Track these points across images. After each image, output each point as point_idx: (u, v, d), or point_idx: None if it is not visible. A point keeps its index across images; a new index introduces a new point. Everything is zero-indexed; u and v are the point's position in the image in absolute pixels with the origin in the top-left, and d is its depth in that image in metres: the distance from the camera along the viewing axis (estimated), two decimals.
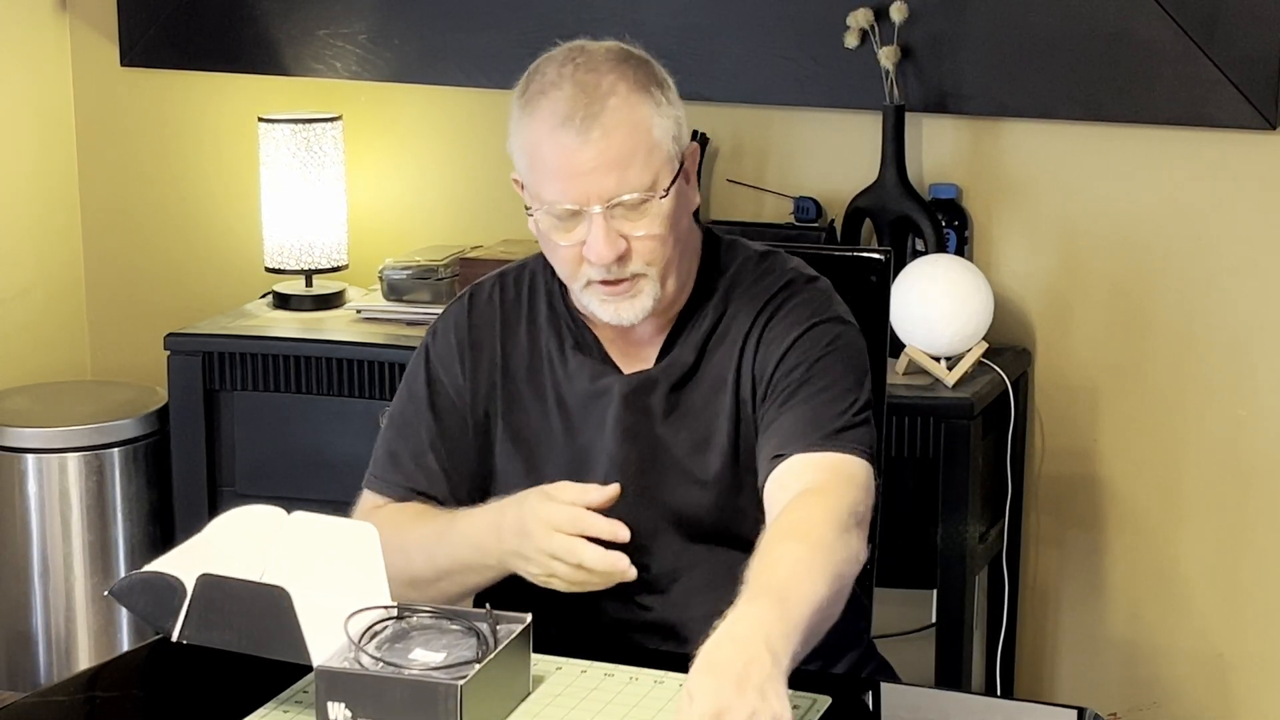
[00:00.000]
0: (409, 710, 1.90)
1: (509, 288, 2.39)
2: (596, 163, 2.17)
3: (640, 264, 2.21)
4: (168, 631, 2.05)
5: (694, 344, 2.30)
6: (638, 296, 2.23)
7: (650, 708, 2.02)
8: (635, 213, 2.19)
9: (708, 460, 2.27)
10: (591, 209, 2.18)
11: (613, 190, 2.17)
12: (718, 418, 2.28)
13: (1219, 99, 3.35)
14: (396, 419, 2.40)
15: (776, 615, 1.94)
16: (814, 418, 2.20)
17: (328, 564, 2.10)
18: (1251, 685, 3.56)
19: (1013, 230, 3.56)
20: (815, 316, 2.28)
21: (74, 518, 3.78)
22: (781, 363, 2.25)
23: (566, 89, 2.19)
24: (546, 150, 2.20)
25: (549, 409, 2.32)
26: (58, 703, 2.24)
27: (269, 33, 3.91)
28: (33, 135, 4.09)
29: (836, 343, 2.27)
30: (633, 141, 2.18)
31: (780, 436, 2.21)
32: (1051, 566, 3.64)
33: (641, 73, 2.22)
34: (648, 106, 2.20)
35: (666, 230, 2.21)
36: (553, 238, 2.23)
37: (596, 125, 2.17)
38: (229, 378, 3.60)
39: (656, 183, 2.19)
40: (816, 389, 2.23)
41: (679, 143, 2.24)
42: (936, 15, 3.47)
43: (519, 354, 2.34)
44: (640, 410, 2.28)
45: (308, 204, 3.78)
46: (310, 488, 3.58)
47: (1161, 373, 3.51)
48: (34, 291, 4.12)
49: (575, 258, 2.22)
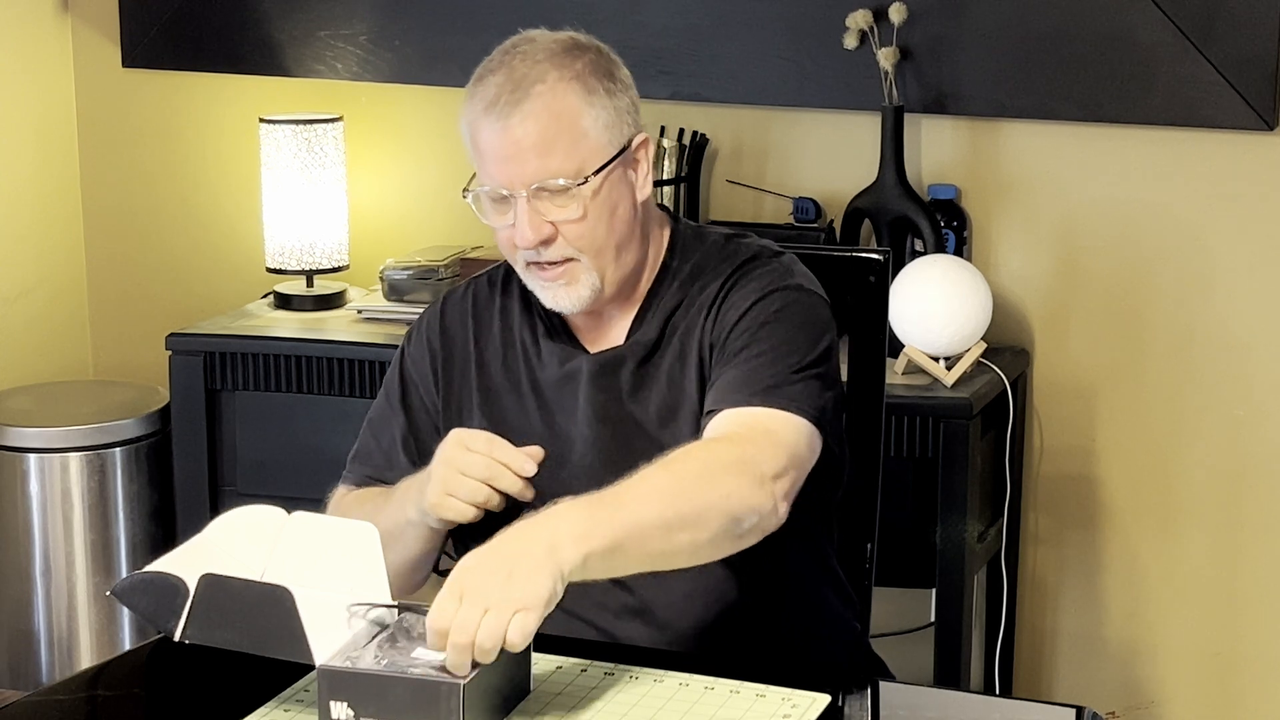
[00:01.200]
0: (411, 709, 1.90)
1: (482, 288, 2.43)
2: (518, 147, 2.23)
3: (569, 249, 2.25)
4: (169, 631, 2.05)
5: (659, 320, 2.33)
6: (573, 284, 2.27)
7: (650, 706, 2.03)
8: (560, 198, 2.24)
9: (678, 430, 2.28)
10: (517, 192, 2.23)
11: (533, 175, 2.23)
12: (686, 388, 2.30)
13: (1216, 100, 3.35)
14: (372, 418, 2.46)
15: (584, 515, 1.99)
16: (748, 377, 2.22)
17: (329, 563, 2.10)
18: (1249, 684, 3.56)
19: (1011, 231, 3.56)
20: (772, 285, 2.30)
21: (76, 517, 3.78)
22: (735, 327, 2.27)
23: (499, 76, 2.27)
24: (478, 133, 2.28)
25: (525, 398, 2.35)
26: (59, 701, 2.24)
27: (270, 34, 3.91)
28: (35, 136, 4.10)
29: (790, 308, 2.29)
30: (555, 129, 2.23)
31: (715, 394, 2.24)
32: (1050, 566, 3.64)
33: (580, 63, 2.27)
34: (575, 96, 2.24)
35: (593, 216, 2.24)
36: (489, 220, 2.29)
37: (517, 111, 2.23)
38: (230, 378, 3.60)
39: (581, 170, 2.23)
40: (759, 350, 2.25)
41: (616, 132, 2.27)
42: (935, 16, 3.47)
43: (493, 348, 2.38)
44: (608, 388, 2.31)
45: (309, 204, 3.79)
46: (311, 487, 3.54)
47: (1159, 373, 3.51)
48: (36, 292, 4.12)
49: (509, 240, 2.28)
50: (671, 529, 2.05)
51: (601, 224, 2.25)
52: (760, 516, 2.12)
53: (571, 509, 2.00)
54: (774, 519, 2.14)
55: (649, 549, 2.04)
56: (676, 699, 2.05)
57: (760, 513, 2.12)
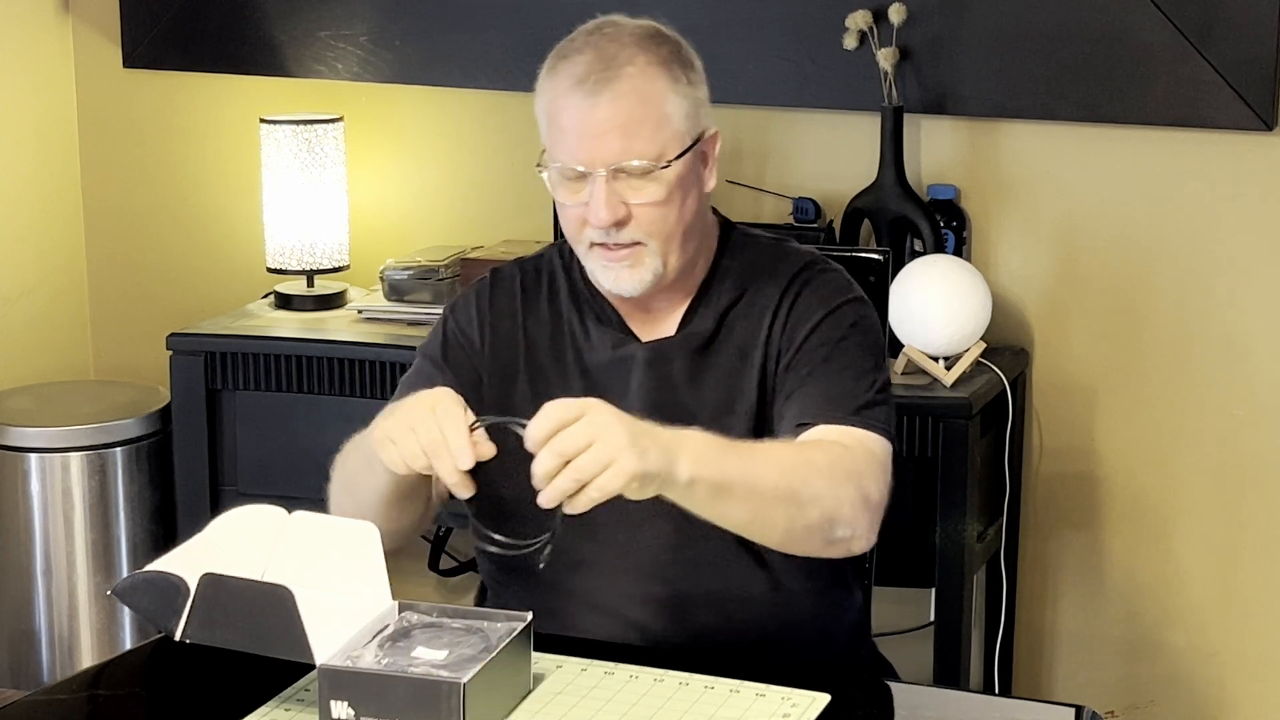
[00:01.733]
0: (412, 708, 1.91)
1: (529, 270, 2.43)
2: (604, 126, 2.23)
3: (640, 232, 2.26)
4: (170, 630, 2.05)
5: (714, 314, 2.35)
6: (637, 268, 2.28)
7: (650, 705, 2.03)
8: (638, 180, 2.24)
9: (731, 424, 2.30)
10: (596, 171, 2.23)
11: (617, 155, 2.23)
12: (743, 384, 2.33)
13: (1215, 100, 3.35)
14: (408, 378, 2.42)
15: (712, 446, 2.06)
16: (838, 393, 2.27)
17: (329, 563, 2.10)
18: (1248, 683, 3.57)
19: (1010, 231, 3.57)
20: (841, 295, 2.35)
21: (76, 517, 3.79)
22: (810, 337, 2.31)
23: (588, 54, 2.25)
24: (560, 110, 2.26)
25: (571, 379, 2.35)
26: (60, 701, 2.24)
27: (271, 34, 3.91)
28: (35, 137, 4.10)
29: (861, 322, 2.34)
30: (642, 110, 2.23)
31: (804, 407, 2.27)
32: (1049, 565, 3.64)
33: (665, 50, 2.28)
34: (663, 81, 2.25)
35: (668, 202, 2.26)
36: (560, 196, 2.28)
37: (608, 89, 2.23)
38: (231, 377, 3.61)
39: (662, 154, 2.25)
40: (840, 366, 2.29)
41: (694, 122, 2.29)
42: (935, 17, 3.48)
43: (540, 327, 2.38)
44: (662, 376, 2.33)
45: (309, 205, 3.79)
46: (312, 487, 3.55)
47: (1158, 372, 3.52)
48: (37, 292, 4.12)
49: (579, 218, 2.27)
50: (780, 499, 2.11)
51: (674, 210, 2.27)
52: (854, 535, 2.18)
53: (703, 437, 2.06)
54: (862, 543, 2.20)
55: (750, 506, 2.10)
56: (676, 698, 2.05)
57: (855, 531, 2.18)
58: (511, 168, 3.86)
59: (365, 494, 2.25)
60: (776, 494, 2.11)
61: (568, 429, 1.96)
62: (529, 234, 3.81)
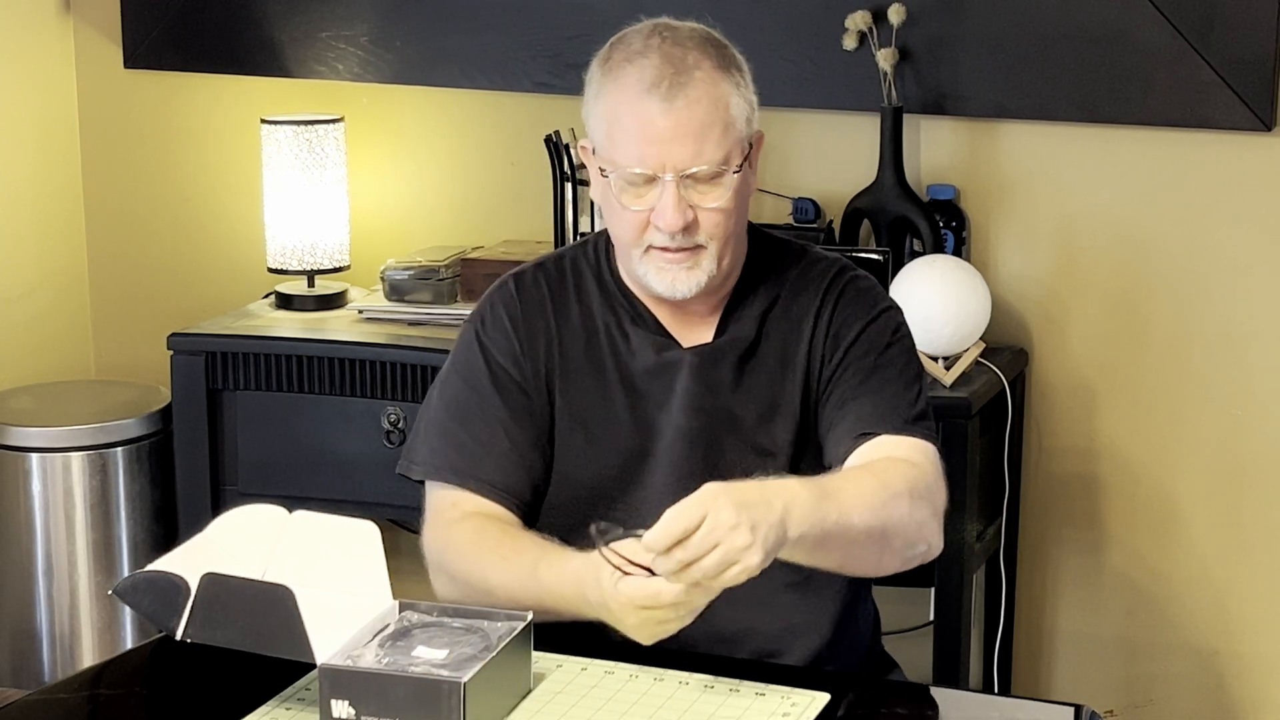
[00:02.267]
0: (412, 707, 1.91)
1: (551, 271, 2.42)
2: (676, 131, 2.22)
3: (704, 236, 2.27)
4: (171, 630, 2.06)
5: (753, 319, 2.36)
6: (695, 269, 2.29)
7: (650, 705, 2.04)
8: (706, 185, 2.25)
9: (775, 430, 2.33)
10: (665, 176, 2.23)
11: (689, 160, 2.23)
12: (786, 390, 2.35)
13: (1214, 101, 3.36)
14: (453, 408, 2.37)
15: (811, 496, 2.05)
16: (892, 403, 2.30)
17: (330, 562, 2.11)
18: (1246, 682, 3.57)
19: (1010, 231, 3.57)
20: (879, 304, 2.39)
21: (78, 516, 3.79)
22: (854, 345, 2.34)
23: (654, 58, 2.24)
24: (627, 115, 2.25)
25: (609, 383, 2.35)
26: (62, 700, 2.24)
27: (272, 35, 3.92)
28: (37, 137, 4.11)
29: (901, 329, 2.39)
30: (713, 115, 2.24)
31: (861, 416, 2.29)
32: (1048, 564, 3.65)
33: (724, 54, 2.29)
34: (729, 84, 2.27)
35: (733, 206, 2.27)
36: (623, 201, 2.27)
37: (681, 95, 2.22)
38: (232, 377, 3.61)
39: (729, 158, 2.26)
40: (889, 375, 2.33)
41: (751, 125, 2.31)
42: (934, 18, 3.48)
43: (572, 331, 2.37)
44: (710, 381, 2.33)
45: (310, 205, 3.80)
46: (312, 486, 3.59)
47: (1157, 372, 3.52)
48: (38, 292, 4.13)
49: (641, 223, 2.27)
50: (870, 539, 2.14)
51: (734, 214, 2.29)
52: (929, 549, 2.23)
53: (801, 488, 2.07)
54: (935, 553, 2.25)
55: (844, 551, 2.14)
56: (676, 697, 2.06)
57: (931, 547, 2.23)
58: (511, 168, 3.86)
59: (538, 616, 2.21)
60: (869, 535, 2.14)
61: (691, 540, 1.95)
62: (529, 234, 3.82)
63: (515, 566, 2.21)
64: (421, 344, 3.50)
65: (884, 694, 2.23)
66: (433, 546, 2.31)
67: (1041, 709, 2.34)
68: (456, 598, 2.24)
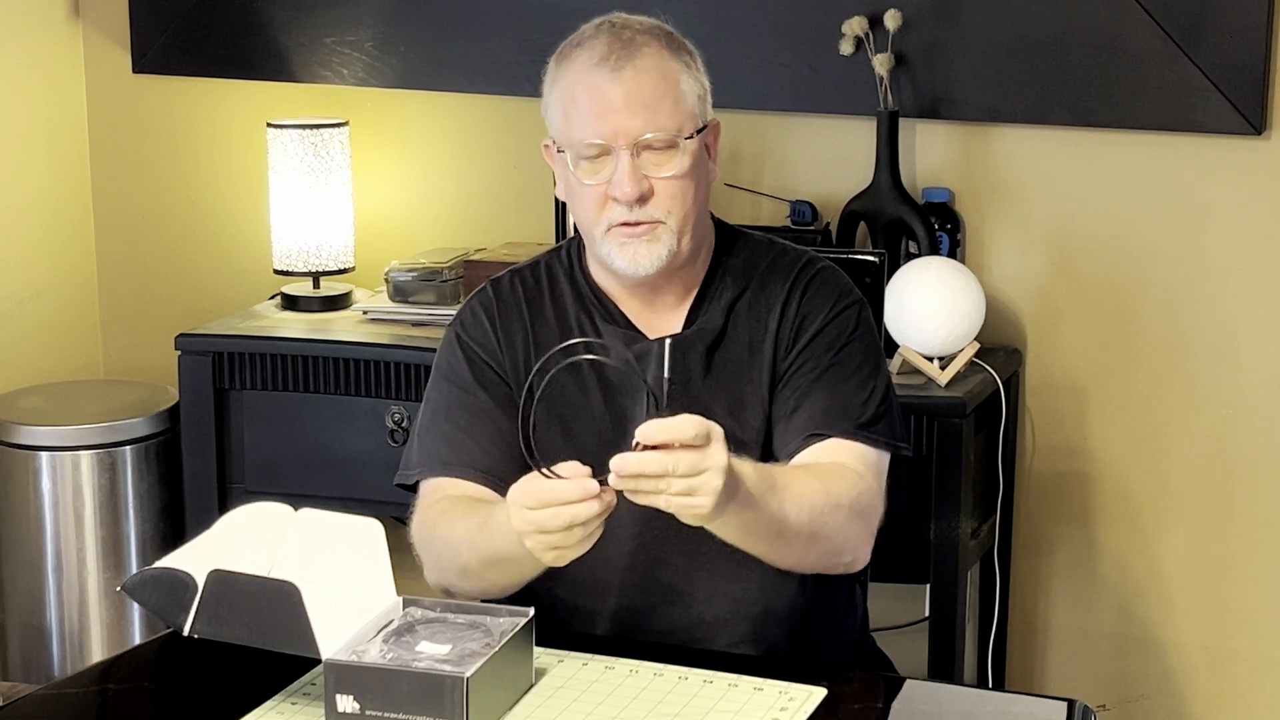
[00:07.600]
0: (416, 702, 1.93)
1: (527, 277, 2.46)
2: (627, 100, 2.27)
3: (660, 209, 2.30)
4: (179, 626, 2.07)
5: (721, 309, 2.39)
6: (655, 243, 2.31)
7: (649, 699, 2.06)
8: (660, 155, 2.29)
9: (746, 419, 2.35)
10: (619, 146, 2.27)
11: (639, 129, 2.27)
12: (754, 379, 2.37)
13: (1206, 105, 3.36)
14: (439, 408, 2.41)
15: (759, 482, 2.10)
16: (844, 403, 2.33)
17: (335, 559, 2.12)
18: (1238, 677, 3.58)
19: (1004, 233, 3.58)
20: (845, 297, 2.41)
21: (87, 514, 3.79)
22: (816, 338, 2.37)
23: (603, 38, 2.31)
24: (579, 91, 2.30)
25: (585, 377, 2.38)
26: (71, 695, 2.25)
27: (278, 40, 3.93)
28: (46, 141, 4.11)
29: (862, 326, 2.40)
30: (662, 87, 2.29)
31: (813, 416, 2.32)
32: (1042, 561, 3.65)
33: (673, 40, 2.35)
34: (677, 63, 2.32)
35: (687, 178, 2.30)
36: (580, 176, 2.31)
37: (629, 65, 2.28)
38: (238, 377, 3.62)
39: (681, 129, 2.30)
40: (845, 374, 2.35)
41: (703, 106, 2.35)
42: (929, 23, 3.49)
43: (548, 329, 2.41)
44: (678, 372, 2.34)
45: (315, 208, 3.81)
46: (317, 485, 3.60)
47: (1149, 373, 3.53)
48: (48, 293, 4.14)
49: (599, 198, 2.30)
50: (799, 538, 2.19)
51: (690, 188, 2.32)
52: (854, 560, 2.29)
53: (753, 472, 2.11)
54: (859, 565, 2.30)
55: (770, 542, 2.18)
56: (676, 692, 2.08)
57: (856, 559, 2.29)
58: (514, 171, 3.87)
59: (503, 577, 2.25)
60: (799, 534, 2.18)
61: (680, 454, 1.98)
62: (531, 236, 3.83)
63: (478, 514, 2.24)
64: (425, 344, 3.50)
65: (880, 688, 2.24)
66: (415, 534, 2.34)
67: (1035, 704, 2.33)
68: (437, 579, 2.30)
